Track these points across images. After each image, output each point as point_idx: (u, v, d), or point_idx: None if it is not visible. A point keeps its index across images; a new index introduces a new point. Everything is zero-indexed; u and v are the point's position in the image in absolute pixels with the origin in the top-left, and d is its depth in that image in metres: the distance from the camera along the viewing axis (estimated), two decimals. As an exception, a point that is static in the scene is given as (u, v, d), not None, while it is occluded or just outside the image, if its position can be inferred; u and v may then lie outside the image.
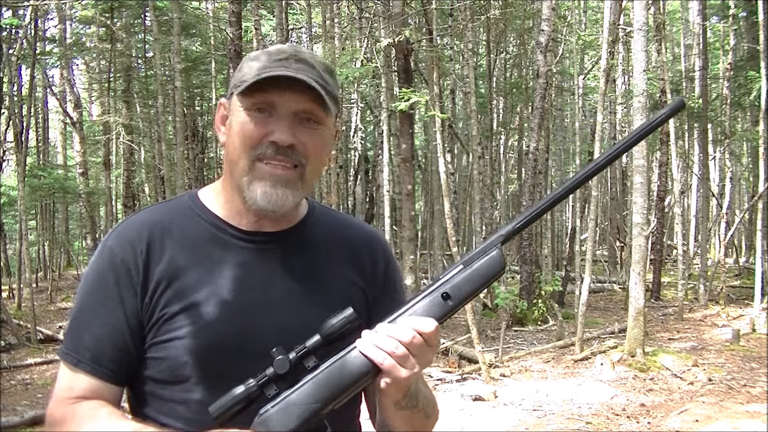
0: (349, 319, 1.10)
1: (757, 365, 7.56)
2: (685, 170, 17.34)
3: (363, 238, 1.34)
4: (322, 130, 1.20)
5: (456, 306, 1.12)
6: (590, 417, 6.02)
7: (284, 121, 1.16)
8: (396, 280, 1.35)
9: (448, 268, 1.17)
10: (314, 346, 1.10)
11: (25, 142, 13.19)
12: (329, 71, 1.21)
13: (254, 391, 1.07)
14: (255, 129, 1.16)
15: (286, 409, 1.08)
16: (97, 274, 1.20)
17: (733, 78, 14.26)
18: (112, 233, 1.24)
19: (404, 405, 1.16)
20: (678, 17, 20.22)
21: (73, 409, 1.15)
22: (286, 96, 1.15)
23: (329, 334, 1.09)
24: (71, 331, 1.20)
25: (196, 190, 1.31)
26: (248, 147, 1.17)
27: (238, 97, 1.17)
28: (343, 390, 1.09)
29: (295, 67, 1.15)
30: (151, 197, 17.02)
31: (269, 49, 1.20)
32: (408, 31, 9.81)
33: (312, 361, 1.09)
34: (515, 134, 19.10)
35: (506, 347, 8.85)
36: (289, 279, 1.22)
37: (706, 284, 12.89)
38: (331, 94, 1.18)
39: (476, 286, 1.13)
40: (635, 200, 7.91)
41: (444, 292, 1.12)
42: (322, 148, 1.21)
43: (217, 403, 1.07)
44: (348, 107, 16.10)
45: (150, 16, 13.03)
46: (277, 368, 1.08)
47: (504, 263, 1.15)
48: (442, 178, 8.85)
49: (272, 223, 1.24)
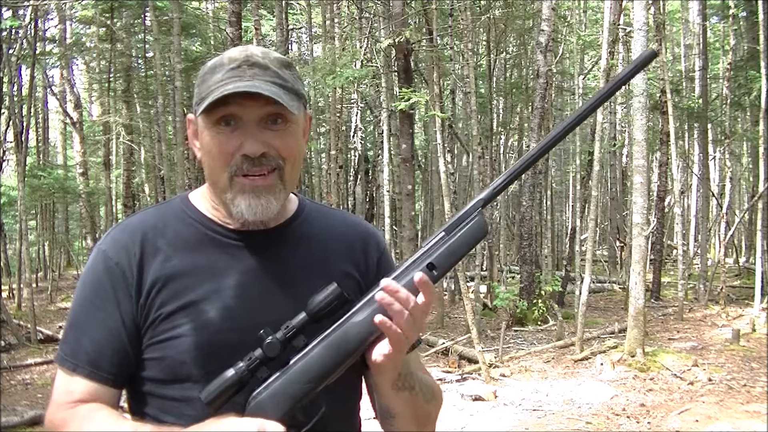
0: (334, 294, 1.10)
1: (757, 365, 7.56)
2: (685, 170, 17.36)
3: (356, 231, 1.34)
4: (291, 126, 1.19)
5: (440, 276, 1.13)
6: (590, 417, 6.02)
7: (250, 130, 1.15)
8: (391, 271, 1.35)
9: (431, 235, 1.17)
10: (301, 324, 1.10)
11: (25, 142, 13.17)
12: (286, 65, 1.20)
13: (245, 375, 1.08)
14: (225, 145, 1.16)
15: (279, 391, 1.08)
16: (93, 279, 1.21)
17: (733, 78, 14.26)
18: (106, 237, 1.25)
19: (401, 386, 1.17)
20: (678, 17, 20.21)
21: (73, 413, 1.15)
22: (246, 106, 1.15)
23: (316, 311, 1.10)
24: (68, 336, 1.21)
25: (186, 192, 1.32)
26: (223, 165, 1.17)
27: (202, 115, 1.17)
28: (334, 367, 1.10)
29: (249, 74, 1.14)
30: (151, 197, 17.02)
31: (223, 56, 1.19)
32: (408, 32, 9.81)
33: (301, 341, 1.10)
34: (515, 134, 19.10)
35: (506, 347, 8.85)
36: (284, 274, 1.23)
37: (706, 284, 12.89)
38: (291, 90, 1.18)
39: (460, 254, 1.14)
40: (635, 200, 7.90)
41: (429, 262, 1.12)
42: (296, 145, 1.21)
43: (208, 388, 1.08)
44: (348, 107, 16.10)
45: (150, 16, 13.03)
46: (267, 351, 1.08)
47: (486, 228, 1.15)
48: (442, 178, 8.85)
49: (259, 223, 1.24)
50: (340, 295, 1.10)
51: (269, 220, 1.23)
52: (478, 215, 1.14)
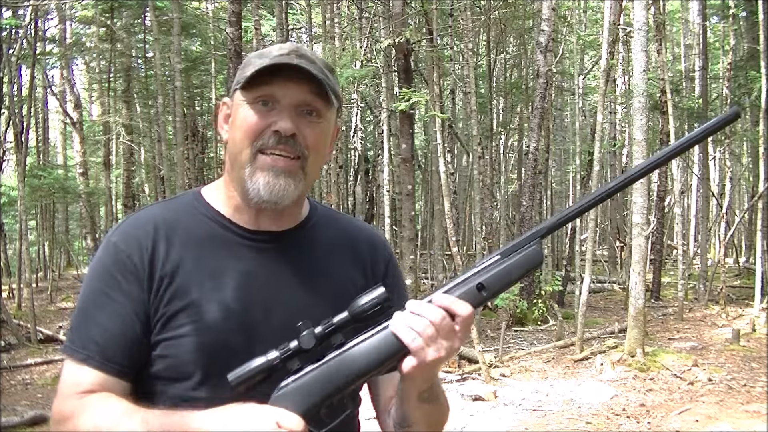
0: (380, 298, 1.08)
1: (757, 365, 7.56)
2: (685, 170, 17.34)
3: (365, 238, 1.35)
4: (323, 123, 1.21)
5: (489, 298, 1.11)
6: (590, 417, 6.02)
7: (286, 112, 1.17)
8: (397, 280, 1.36)
9: (483, 257, 1.15)
10: (342, 322, 1.09)
11: (25, 142, 13.17)
12: (329, 68, 1.24)
13: (276, 363, 1.07)
14: (258, 120, 1.18)
15: (311, 384, 1.07)
16: (103, 270, 1.19)
17: (733, 78, 14.26)
18: (117, 229, 1.23)
19: (426, 398, 1.16)
20: (678, 17, 20.22)
21: (82, 402, 1.13)
22: (287, 87, 1.17)
23: (359, 313, 1.08)
24: (76, 326, 1.18)
25: (199, 187, 1.32)
26: (251, 138, 1.18)
27: (241, 91, 1.19)
28: (370, 370, 1.08)
29: (297, 61, 1.17)
30: (151, 197, 17.01)
31: (271, 47, 1.22)
32: (408, 31, 9.81)
33: (339, 339, 1.09)
34: (515, 134, 19.10)
35: (506, 347, 8.85)
36: (292, 278, 1.23)
37: (706, 284, 12.89)
38: (332, 88, 1.20)
39: (511, 279, 1.13)
40: (635, 200, 7.91)
41: (479, 282, 1.11)
42: (323, 141, 1.22)
43: (236, 371, 1.06)
44: (348, 107, 16.09)
45: (150, 16, 13.03)
46: (303, 343, 1.07)
47: (542, 258, 1.15)
48: (442, 178, 8.85)
49: (273, 221, 1.24)
50: (386, 300, 1.08)
51: (282, 217, 1.23)
52: (536, 244, 1.13)
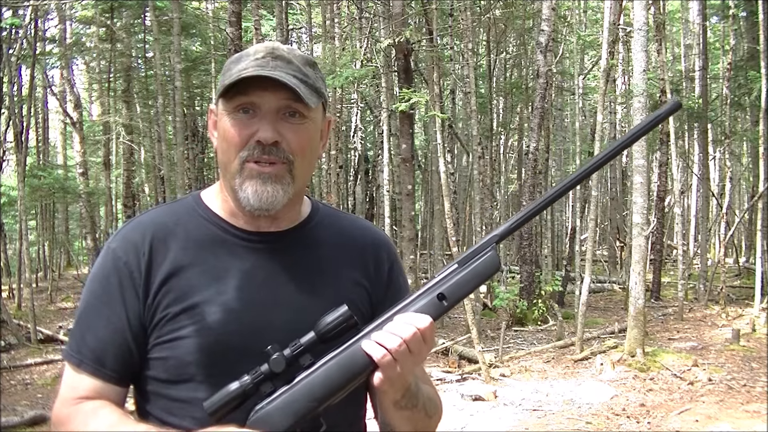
0: (344, 316, 1.11)
1: (757, 365, 7.56)
2: (685, 170, 17.35)
3: (368, 239, 1.34)
4: (308, 123, 1.20)
5: (450, 307, 1.14)
6: (590, 417, 6.02)
7: (267, 119, 1.17)
8: (400, 281, 1.35)
9: (443, 267, 1.19)
10: (309, 343, 1.11)
11: (25, 142, 13.18)
12: (310, 63, 1.22)
13: (250, 388, 1.08)
14: (240, 131, 1.18)
15: (282, 407, 1.09)
16: (101, 277, 1.21)
17: (733, 78, 14.25)
18: (117, 235, 1.25)
19: (404, 405, 1.17)
20: (678, 17, 20.20)
21: (77, 409, 1.16)
22: (265, 95, 1.16)
23: (325, 332, 1.10)
24: (75, 332, 1.21)
25: (199, 191, 1.33)
26: (236, 149, 1.18)
27: (222, 101, 1.19)
28: (339, 388, 1.10)
29: (272, 65, 1.16)
30: (151, 197, 17.02)
31: (248, 49, 1.22)
32: (408, 31, 9.81)
33: (307, 359, 1.11)
34: (515, 134, 19.10)
35: (506, 347, 8.85)
36: (293, 279, 1.23)
37: (706, 284, 12.89)
38: (311, 86, 1.19)
39: (471, 287, 1.16)
40: (635, 200, 7.91)
41: (440, 293, 1.13)
42: (309, 142, 1.22)
43: (212, 399, 1.08)
44: (348, 107, 16.10)
45: (150, 16, 13.02)
46: (273, 366, 1.09)
47: (498, 264, 1.17)
48: (442, 178, 8.85)
49: (270, 223, 1.24)
50: (349, 318, 1.11)
51: (280, 218, 1.24)
52: (491, 250, 1.16)
